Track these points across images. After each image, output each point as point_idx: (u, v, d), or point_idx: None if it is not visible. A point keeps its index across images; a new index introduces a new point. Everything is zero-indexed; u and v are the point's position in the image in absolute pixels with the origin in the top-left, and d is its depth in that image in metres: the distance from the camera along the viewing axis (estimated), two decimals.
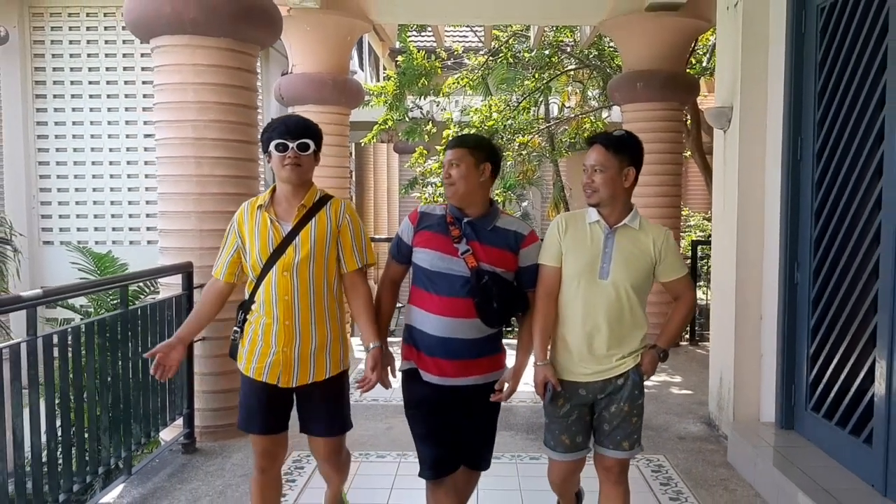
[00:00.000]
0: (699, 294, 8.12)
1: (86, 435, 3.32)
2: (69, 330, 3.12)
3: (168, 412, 4.09)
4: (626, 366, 2.59)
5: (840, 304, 3.62)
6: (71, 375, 3.13)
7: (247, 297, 2.71)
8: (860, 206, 3.44)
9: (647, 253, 2.57)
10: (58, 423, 3.07)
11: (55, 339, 2.99)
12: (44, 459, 2.96)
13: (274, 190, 2.73)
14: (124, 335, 3.59)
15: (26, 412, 2.85)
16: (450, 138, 10.85)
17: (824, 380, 3.75)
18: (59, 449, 3.08)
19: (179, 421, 4.27)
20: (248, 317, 2.70)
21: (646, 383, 2.68)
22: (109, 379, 3.46)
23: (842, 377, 3.59)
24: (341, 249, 2.71)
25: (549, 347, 2.66)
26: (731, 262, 4.42)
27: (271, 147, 2.61)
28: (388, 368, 2.70)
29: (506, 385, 2.62)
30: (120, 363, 3.57)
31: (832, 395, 3.68)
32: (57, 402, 3.03)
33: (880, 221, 3.22)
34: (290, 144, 2.59)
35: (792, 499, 3.35)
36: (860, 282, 3.43)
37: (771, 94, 4.21)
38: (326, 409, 2.74)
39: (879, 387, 3.20)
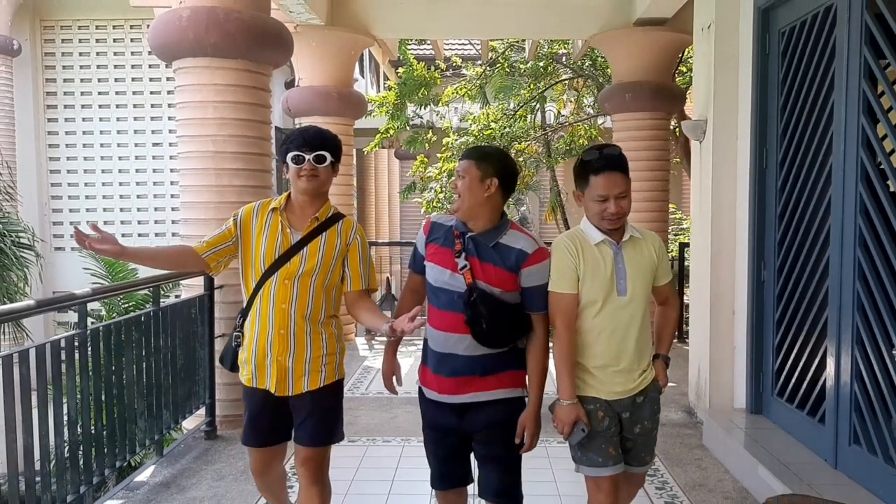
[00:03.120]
0: (689, 293, 8.52)
1: (125, 419, 3.71)
2: (112, 325, 3.53)
3: (192, 401, 4.49)
4: (647, 380, 2.57)
5: (799, 300, 4.02)
6: (113, 365, 3.54)
7: (244, 302, 2.69)
8: (814, 211, 3.84)
9: (651, 260, 2.57)
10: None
11: (101, 333, 3.40)
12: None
13: (289, 196, 2.71)
14: (156, 330, 3.99)
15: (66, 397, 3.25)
16: (450, 146, 11.18)
17: (787, 368, 4.15)
18: (104, 430, 3.48)
19: (201, 410, 4.67)
20: (244, 322, 2.68)
21: None
22: (144, 369, 3.87)
23: (800, 365, 3.99)
24: (348, 268, 2.68)
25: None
26: (707, 262, 4.82)
27: (288, 158, 2.60)
28: (395, 376, 2.70)
29: (527, 436, 2.49)
30: (153, 355, 3.98)
31: (793, 381, 4.08)
32: (102, 388, 3.44)
33: (829, 226, 3.62)
34: (307, 157, 2.58)
35: (753, 472, 3.75)
36: (815, 279, 3.84)
37: (741, 109, 4.60)
38: (317, 420, 2.68)
39: (830, 372, 3.60)
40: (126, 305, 8.30)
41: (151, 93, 11.13)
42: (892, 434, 3.17)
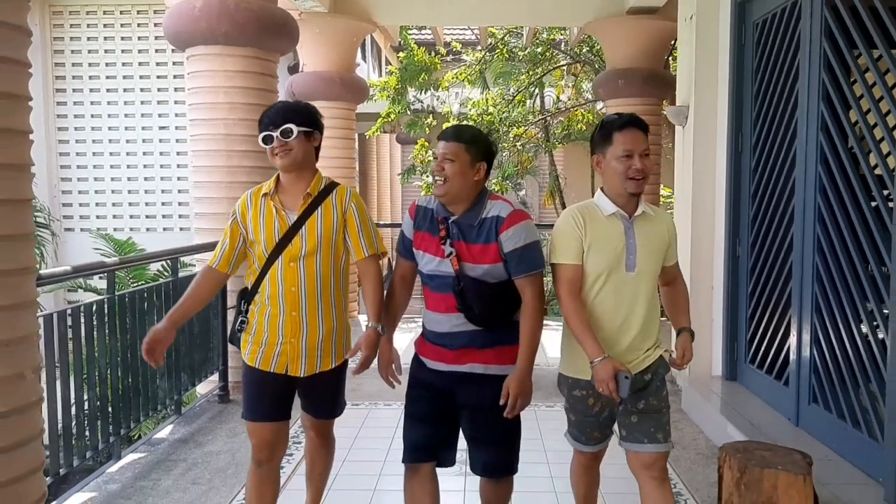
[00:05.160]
0: None
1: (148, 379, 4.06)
2: (136, 293, 3.87)
3: (207, 367, 4.85)
4: (652, 357, 2.51)
5: (769, 273, 4.34)
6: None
7: (249, 286, 2.67)
8: (782, 190, 4.15)
9: (664, 239, 2.52)
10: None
11: (127, 298, 3.75)
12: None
13: (278, 178, 2.67)
14: (175, 298, 4.31)
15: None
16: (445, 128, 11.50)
17: (758, 337, 4.48)
18: (130, 387, 3.83)
19: (215, 376, 5.02)
20: (251, 307, 2.66)
21: None
22: None
23: (769, 334, 4.32)
24: (348, 238, 2.65)
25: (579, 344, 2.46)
26: (688, 240, 5.13)
27: (260, 142, 2.59)
28: (393, 366, 2.64)
29: (510, 398, 2.39)
30: None
31: (763, 349, 4.41)
32: (128, 349, 3.78)
33: (794, 204, 3.93)
34: (274, 134, 2.54)
35: (724, 431, 4.08)
36: (782, 254, 4.15)
37: (719, 95, 4.90)
38: (327, 397, 2.78)
39: (793, 339, 3.93)
40: (134, 284, 8.64)
41: (158, 77, 11.38)
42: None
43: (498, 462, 2.57)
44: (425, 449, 2.55)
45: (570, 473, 2.85)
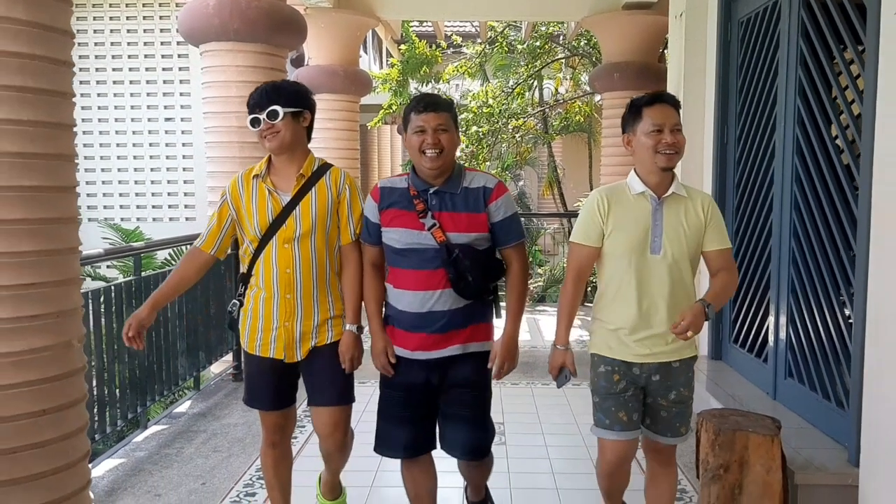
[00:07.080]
0: None
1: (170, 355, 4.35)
2: (160, 275, 4.16)
3: (222, 347, 5.14)
4: (682, 352, 2.47)
5: (751, 257, 4.61)
6: None
7: (244, 269, 2.64)
8: (763, 179, 4.42)
9: (697, 221, 2.41)
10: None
11: (150, 281, 4.04)
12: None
13: (270, 160, 2.63)
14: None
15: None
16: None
17: (741, 318, 4.76)
18: (155, 363, 4.12)
19: (229, 356, 5.31)
20: (247, 291, 2.61)
21: None
22: (185, 314, 4.51)
23: (751, 314, 4.60)
24: (339, 220, 2.61)
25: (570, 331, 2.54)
26: None
27: (248, 126, 2.58)
28: (387, 353, 2.55)
29: (496, 361, 2.48)
30: (191, 303, 4.61)
31: (745, 328, 4.69)
32: (153, 327, 4.06)
33: (773, 192, 4.21)
34: (260, 117, 2.52)
35: (706, 404, 4.37)
36: (762, 239, 4.43)
37: (707, 90, 5.16)
38: (330, 377, 2.66)
39: (771, 319, 4.21)
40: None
41: (163, 69, 11.63)
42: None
43: (475, 442, 2.60)
44: (417, 446, 2.57)
45: (595, 473, 2.78)
